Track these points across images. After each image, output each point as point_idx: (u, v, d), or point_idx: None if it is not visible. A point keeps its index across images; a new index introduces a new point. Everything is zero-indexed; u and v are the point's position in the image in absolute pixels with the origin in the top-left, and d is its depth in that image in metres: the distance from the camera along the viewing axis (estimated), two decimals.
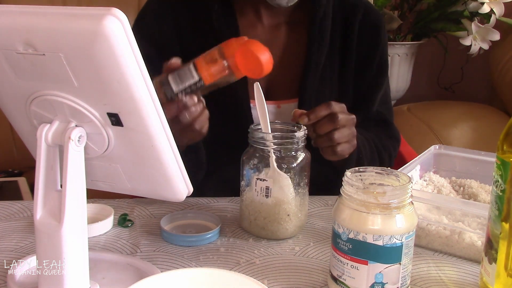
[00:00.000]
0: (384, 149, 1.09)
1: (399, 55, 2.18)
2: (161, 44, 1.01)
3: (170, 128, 0.81)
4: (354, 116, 0.91)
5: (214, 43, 0.85)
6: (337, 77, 1.07)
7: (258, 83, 0.86)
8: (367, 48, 1.07)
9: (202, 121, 0.84)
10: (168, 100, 0.76)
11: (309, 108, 0.89)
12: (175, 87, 0.76)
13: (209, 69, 0.75)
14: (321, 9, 1.03)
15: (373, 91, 1.09)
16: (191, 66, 0.75)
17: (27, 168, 1.80)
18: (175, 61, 0.77)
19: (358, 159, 0.98)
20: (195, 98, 0.79)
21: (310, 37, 1.03)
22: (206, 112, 0.84)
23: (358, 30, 1.06)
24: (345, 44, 1.06)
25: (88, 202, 0.64)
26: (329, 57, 1.05)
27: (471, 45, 2.00)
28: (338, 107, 0.88)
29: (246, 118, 1.03)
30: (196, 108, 0.80)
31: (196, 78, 0.75)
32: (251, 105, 1.04)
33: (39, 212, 0.63)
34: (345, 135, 0.89)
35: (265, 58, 0.73)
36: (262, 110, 0.85)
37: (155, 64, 0.80)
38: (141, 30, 0.98)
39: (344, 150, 0.90)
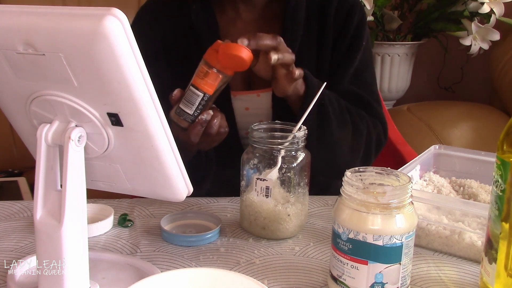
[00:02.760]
0: (360, 118, 1.06)
1: (399, 55, 2.18)
2: (148, 54, 1.03)
3: (202, 143, 0.90)
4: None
5: (195, 43, 0.87)
6: (314, 64, 1.09)
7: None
8: (340, 30, 1.08)
9: (224, 123, 0.91)
10: (191, 124, 0.86)
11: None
12: (190, 111, 0.85)
13: (206, 82, 0.85)
14: (292, 1, 1.06)
15: (340, 69, 1.08)
16: (192, 88, 0.85)
17: (27, 168, 1.80)
18: (177, 92, 0.87)
19: (320, 106, 0.98)
20: (210, 111, 0.87)
21: (283, 29, 1.06)
22: (222, 114, 0.91)
23: (334, 17, 1.08)
24: (321, 32, 1.08)
25: (88, 202, 0.64)
26: (304, 46, 1.06)
27: (471, 45, 2.00)
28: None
29: (227, 109, 1.05)
30: (215, 118, 0.88)
31: (201, 94, 0.85)
32: (232, 96, 1.07)
33: (39, 212, 0.63)
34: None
35: (246, 54, 0.84)
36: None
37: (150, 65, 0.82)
38: (137, 30, 1.00)
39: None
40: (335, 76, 1.07)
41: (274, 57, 0.87)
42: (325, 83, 0.93)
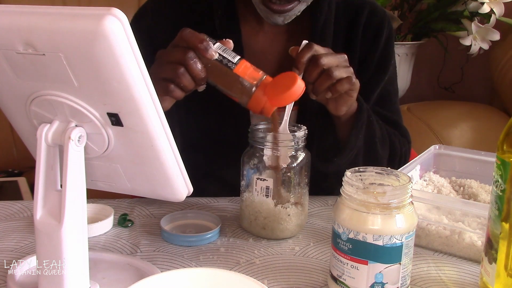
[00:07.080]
0: (394, 135, 1.05)
1: (399, 55, 2.18)
2: (157, 44, 1.01)
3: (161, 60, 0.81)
4: (344, 55, 0.87)
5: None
6: None
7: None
8: (368, 47, 1.06)
9: (186, 79, 0.80)
10: (196, 36, 0.78)
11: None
12: (217, 46, 0.79)
13: (248, 67, 0.80)
14: (322, 16, 1.02)
15: (368, 89, 1.05)
16: (237, 55, 0.80)
17: (27, 168, 1.80)
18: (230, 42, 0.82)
19: (368, 129, 0.95)
20: (213, 52, 0.78)
21: None
22: (193, 82, 0.81)
23: (362, 32, 1.05)
24: (348, 48, 1.04)
25: (88, 202, 0.64)
26: None
27: (471, 45, 2.00)
28: (321, 49, 0.86)
29: (244, 116, 1.03)
30: (197, 62, 0.79)
31: (234, 60, 0.79)
32: (250, 112, 1.03)
33: (39, 212, 0.63)
34: (342, 71, 0.85)
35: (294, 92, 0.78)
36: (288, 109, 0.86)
37: (151, 64, 0.80)
38: (137, 29, 0.97)
39: (344, 86, 0.86)
40: (361, 96, 1.03)
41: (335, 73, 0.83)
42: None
